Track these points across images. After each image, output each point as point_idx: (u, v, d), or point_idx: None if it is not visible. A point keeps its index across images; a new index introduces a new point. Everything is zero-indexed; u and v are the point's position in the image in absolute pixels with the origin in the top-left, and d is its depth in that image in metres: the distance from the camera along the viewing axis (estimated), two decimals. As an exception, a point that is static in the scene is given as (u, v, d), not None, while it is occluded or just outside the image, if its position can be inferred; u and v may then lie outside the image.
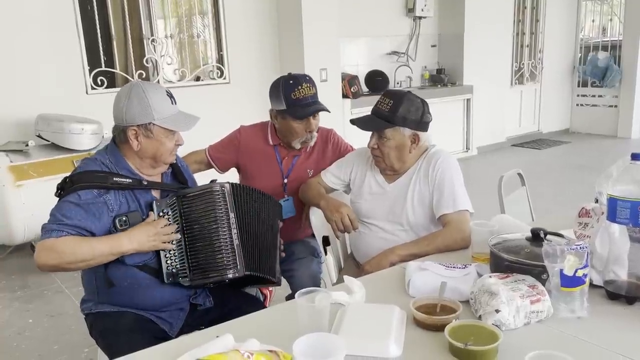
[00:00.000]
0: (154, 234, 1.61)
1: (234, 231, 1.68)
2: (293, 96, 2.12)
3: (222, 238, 1.66)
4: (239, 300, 1.85)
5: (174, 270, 1.66)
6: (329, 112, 2.18)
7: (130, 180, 1.65)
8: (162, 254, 1.66)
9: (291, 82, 2.16)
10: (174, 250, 1.66)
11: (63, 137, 3.72)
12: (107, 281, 1.64)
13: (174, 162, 1.80)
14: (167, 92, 1.70)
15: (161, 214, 1.68)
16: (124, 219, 1.61)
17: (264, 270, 1.77)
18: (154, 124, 1.64)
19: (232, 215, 1.69)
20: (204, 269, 1.65)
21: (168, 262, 1.67)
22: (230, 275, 1.66)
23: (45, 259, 1.52)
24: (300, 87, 2.13)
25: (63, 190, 1.61)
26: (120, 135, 1.69)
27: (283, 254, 1.96)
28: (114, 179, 1.62)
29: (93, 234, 1.57)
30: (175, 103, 1.71)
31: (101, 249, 1.55)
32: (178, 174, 1.84)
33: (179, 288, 1.69)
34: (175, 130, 1.68)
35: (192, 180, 1.92)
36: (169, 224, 1.66)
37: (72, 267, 1.55)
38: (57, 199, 1.62)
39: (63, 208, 1.56)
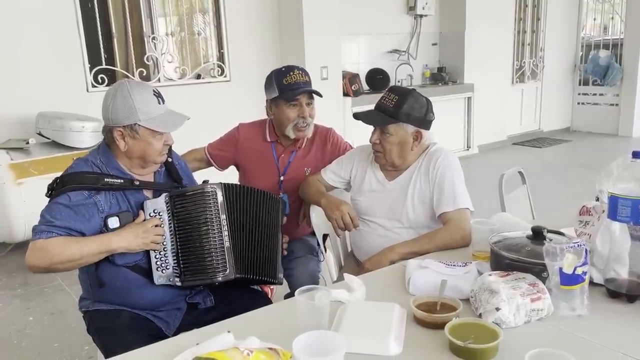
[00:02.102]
0: (143, 232, 1.60)
1: (225, 233, 1.66)
2: (285, 82, 2.14)
3: (212, 240, 1.64)
4: (243, 298, 1.82)
5: (164, 271, 1.65)
6: (321, 96, 2.20)
7: (122, 181, 1.63)
8: (152, 254, 1.65)
9: (283, 69, 2.19)
10: (164, 250, 1.65)
11: (63, 135, 3.72)
12: (98, 281, 1.63)
13: (170, 160, 1.77)
14: (154, 91, 1.66)
15: (152, 213, 1.66)
16: (115, 218, 1.60)
17: (258, 272, 1.75)
18: (139, 125, 1.62)
19: (223, 217, 1.67)
20: (194, 271, 1.64)
21: (158, 262, 1.65)
22: (219, 278, 1.64)
23: (35, 260, 1.52)
24: (292, 73, 2.15)
25: (54, 190, 1.60)
26: (107, 135, 1.67)
27: (285, 252, 1.94)
28: (105, 179, 1.61)
29: (83, 235, 1.56)
30: (163, 102, 1.67)
31: (90, 248, 1.54)
32: (173, 173, 1.80)
33: (173, 288, 1.67)
34: (160, 131, 1.65)
35: (188, 178, 1.89)
36: (160, 224, 1.64)
37: (61, 268, 1.54)
38: (48, 199, 1.60)
39: (53, 209, 1.55)
